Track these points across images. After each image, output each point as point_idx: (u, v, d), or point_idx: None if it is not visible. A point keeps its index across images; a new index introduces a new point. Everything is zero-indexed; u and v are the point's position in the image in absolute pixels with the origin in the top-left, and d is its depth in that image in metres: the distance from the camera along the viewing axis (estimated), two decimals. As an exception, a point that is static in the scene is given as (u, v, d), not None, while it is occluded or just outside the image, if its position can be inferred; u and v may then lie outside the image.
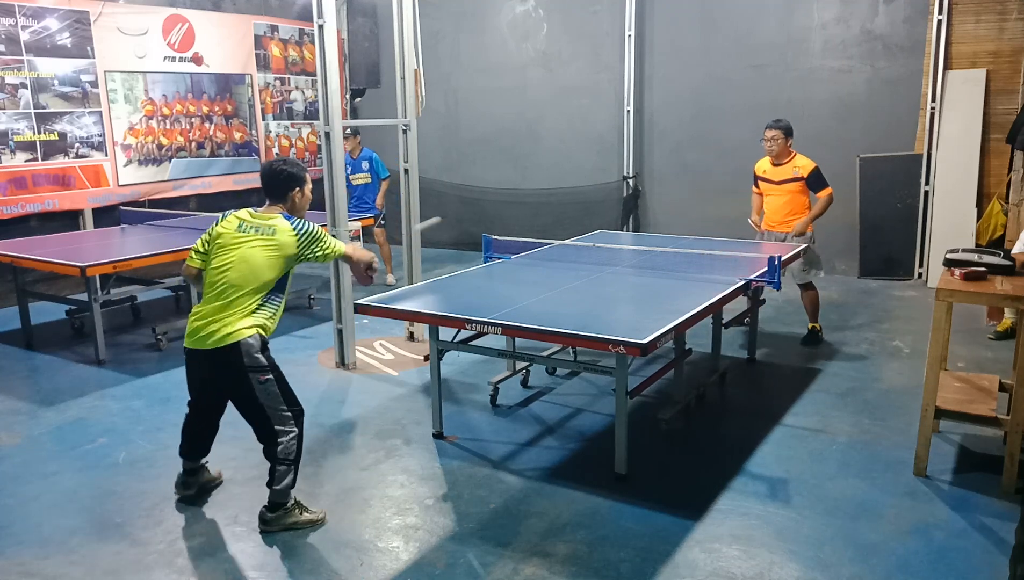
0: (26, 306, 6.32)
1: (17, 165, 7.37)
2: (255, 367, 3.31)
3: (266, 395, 3.34)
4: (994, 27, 7.43)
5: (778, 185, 5.90)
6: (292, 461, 3.42)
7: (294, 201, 3.51)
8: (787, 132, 5.84)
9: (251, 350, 3.29)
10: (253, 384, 3.31)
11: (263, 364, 3.32)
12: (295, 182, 3.49)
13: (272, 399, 3.36)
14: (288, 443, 3.39)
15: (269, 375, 3.34)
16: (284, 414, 3.39)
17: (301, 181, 3.52)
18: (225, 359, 3.29)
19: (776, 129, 5.84)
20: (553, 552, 3.27)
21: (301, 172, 3.53)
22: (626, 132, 9.20)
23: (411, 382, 5.34)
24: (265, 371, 3.33)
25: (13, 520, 3.59)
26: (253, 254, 3.33)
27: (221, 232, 3.42)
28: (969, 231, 7.47)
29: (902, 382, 5.17)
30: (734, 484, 3.83)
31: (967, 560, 3.16)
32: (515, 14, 9.74)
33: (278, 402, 3.37)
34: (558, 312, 3.93)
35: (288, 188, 3.48)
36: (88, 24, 7.77)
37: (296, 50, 10.13)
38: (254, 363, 3.30)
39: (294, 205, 3.52)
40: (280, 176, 3.47)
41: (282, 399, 3.38)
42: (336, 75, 5.27)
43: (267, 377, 3.33)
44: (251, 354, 3.29)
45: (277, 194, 3.49)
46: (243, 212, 3.47)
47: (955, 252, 4.00)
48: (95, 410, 4.91)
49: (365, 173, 8.09)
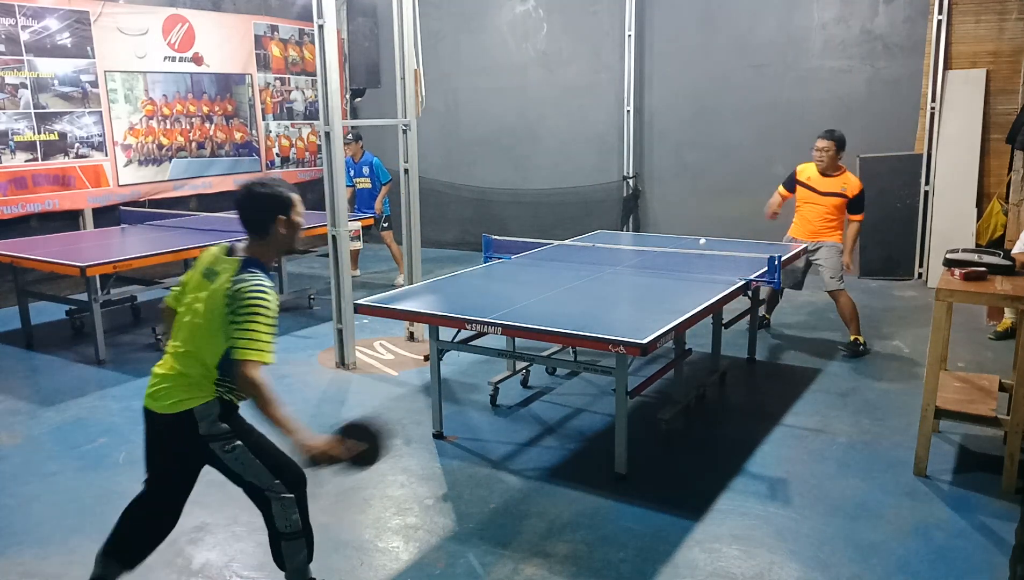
0: (26, 306, 6.32)
1: (17, 165, 7.37)
2: (215, 436, 2.63)
3: (239, 465, 2.67)
4: (994, 27, 7.43)
5: (821, 196, 5.69)
6: (296, 532, 2.81)
7: (279, 232, 2.67)
8: (840, 145, 5.65)
9: (207, 417, 2.62)
10: (218, 454, 2.65)
11: (224, 431, 2.64)
12: (278, 208, 2.65)
13: (250, 468, 2.68)
14: (284, 511, 2.75)
15: (236, 442, 2.65)
16: (271, 482, 2.71)
17: (286, 206, 2.66)
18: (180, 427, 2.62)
19: (829, 140, 5.63)
20: (553, 552, 3.27)
21: (285, 193, 2.68)
22: (626, 132, 9.20)
23: (411, 382, 5.34)
24: (229, 439, 2.64)
25: (13, 520, 3.60)
26: (201, 310, 2.61)
27: (192, 273, 2.74)
28: (969, 231, 7.46)
29: (902, 382, 5.17)
30: (734, 484, 3.83)
31: (967, 560, 3.16)
32: (515, 14, 9.74)
33: (257, 470, 2.69)
34: (558, 312, 3.93)
35: (270, 218, 2.65)
36: (88, 24, 7.77)
37: (296, 50, 10.13)
38: (212, 431, 2.63)
39: (278, 237, 2.68)
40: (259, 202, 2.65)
41: (262, 465, 2.69)
42: (336, 75, 5.27)
43: (233, 444, 2.65)
44: (208, 421, 2.62)
45: (255, 227, 2.67)
46: (217, 251, 2.73)
47: (955, 252, 4.00)
48: (95, 410, 4.91)
49: (366, 177, 8.11)
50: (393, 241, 8.20)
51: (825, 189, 5.70)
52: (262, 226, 2.65)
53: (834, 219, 5.74)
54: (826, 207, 5.71)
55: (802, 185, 5.81)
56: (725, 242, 5.89)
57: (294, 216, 2.68)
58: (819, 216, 5.74)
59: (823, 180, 5.72)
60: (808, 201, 5.79)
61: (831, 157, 5.67)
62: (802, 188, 5.81)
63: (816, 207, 5.75)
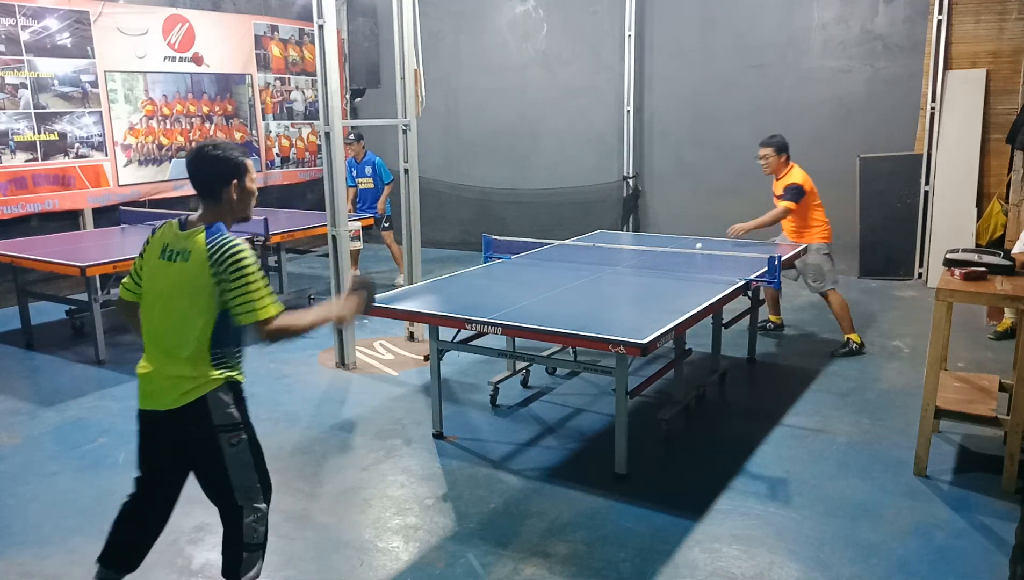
0: (26, 306, 6.32)
1: (17, 165, 7.37)
2: (225, 426, 2.58)
3: (237, 461, 2.61)
4: (994, 27, 7.43)
5: (777, 199, 5.82)
6: (259, 545, 2.73)
7: (230, 198, 2.59)
8: (778, 149, 5.69)
9: (221, 404, 2.56)
10: (222, 447, 2.58)
11: (236, 421, 2.60)
12: (230, 172, 2.57)
13: (242, 468, 2.63)
14: (255, 523, 2.68)
15: (242, 435, 2.62)
16: (254, 487, 2.67)
17: (239, 170, 2.58)
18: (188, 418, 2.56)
19: (766, 147, 5.71)
20: (553, 552, 3.27)
21: (238, 158, 2.59)
22: (626, 132, 9.20)
23: (411, 382, 5.34)
24: (238, 430, 2.61)
25: (13, 520, 3.60)
26: (177, 291, 2.52)
27: (147, 260, 2.64)
28: (969, 231, 7.47)
29: (902, 382, 5.17)
30: (734, 484, 3.83)
31: (967, 560, 3.16)
32: (515, 14, 9.74)
33: (248, 471, 2.64)
34: (558, 312, 3.93)
35: (221, 181, 2.56)
36: (88, 24, 7.77)
37: (296, 50, 10.13)
38: (223, 420, 2.57)
39: (231, 204, 2.60)
40: (209, 165, 2.57)
41: (254, 466, 2.66)
42: (336, 75, 5.27)
43: (239, 438, 2.61)
44: (222, 409, 2.57)
45: (206, 190, 2.59)
46: (167, 230, 2.65)
47: (955, 252, 4.00)
48: (95, 410, 4.91)
49: (369, 177, 8.12)
50: (393, 241, 8.20)
51: (777, 193, 5.82)
52: (214, 191, 2.58)
53: (793, 221, 5.75)
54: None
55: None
56: (725, 242, 5.90)
57: (247, 182, 2.62)
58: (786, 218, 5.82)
59: (776, 184, 5.83)
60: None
61: (772, 163, 5.73)
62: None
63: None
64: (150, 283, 2.62)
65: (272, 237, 6.61)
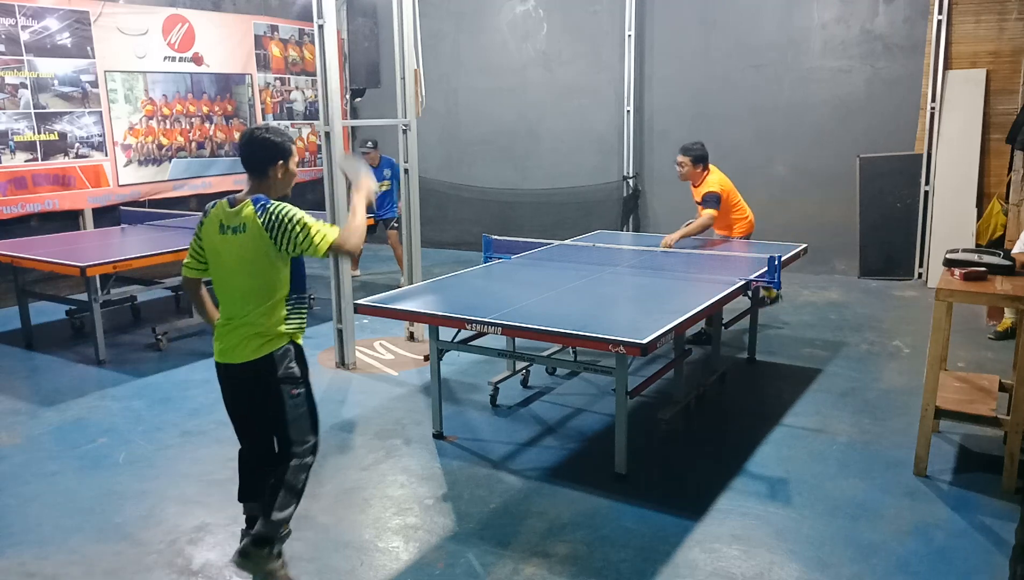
0: (26, 306, 6.32)
1: (17, 165, 7.37)
2: (287, 378, 2.96)
3: (296, 411, 2.99)
4: (994, 27, 7.43)
5: (700, 206, 5.95)
6: (297, 491, 3.02)
7: (275, 177, 2.98)
8: (696, 159, 5.88)
9: (284, 360, 2.96)
10: (284, 397, 2.96)
11: (296, 375, 2.99)
12: (278, 154, 2.96)
13: (301, 418, 3.01)
14: (299, 469, 3.02)
15: (303, 388, 3.01)
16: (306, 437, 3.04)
17: (285, 153, 2.98)
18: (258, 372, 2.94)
19: (683, 156, 5.91)
20: (553, 552, 3.27)
21: (286, 143, 2.99)
22: (626, 132, 9.20)
23: (411, 382, 5.34)
24: (298, 384, 2.99)
25: (13, 520, 3.60)
26: (242, 259, 2.90)
27: (206, 239, 3.00)
28: (969, 231, 7.47)
29: (902, 382, 5.16)
30: (734, 484, 3.83)
31: (967, 560, 3.16)
32: (515, 14, 9.74)
33: (303, 421, 3.03)
34: (558, 312, 3.93)
35: (269, 161, 2.95)
36: (88, 24, 7.77)
37: (296, 50, 10.13)
38: (287, 374, 2.96)
39: (275, 182, 2.99)
40: (260, 146, 2.95)
41: (308, 418, 3.04)
42: (336, 75, 5.27)
43: (300, 390, 2.99)
44: (285, 364, 2.96)
45: (255, 167, 2.97)
46: (219, 209, 2.98)
47: (955, 252, 4.00)
48: (95, 410, 4.91)
49: (386, 180, 8.14)
50: (398, 242, 8.21)
51: (696, 199, 6.00)
52: (262, 168, 2.95)
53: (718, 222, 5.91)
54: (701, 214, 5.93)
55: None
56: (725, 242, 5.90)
57: (291, 164, 3.01)
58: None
59: (695, 190, 6.01)
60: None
61: (688, 172, 5.93)
62: None
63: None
64: (215, 257, 2.97)
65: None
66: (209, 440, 4.43)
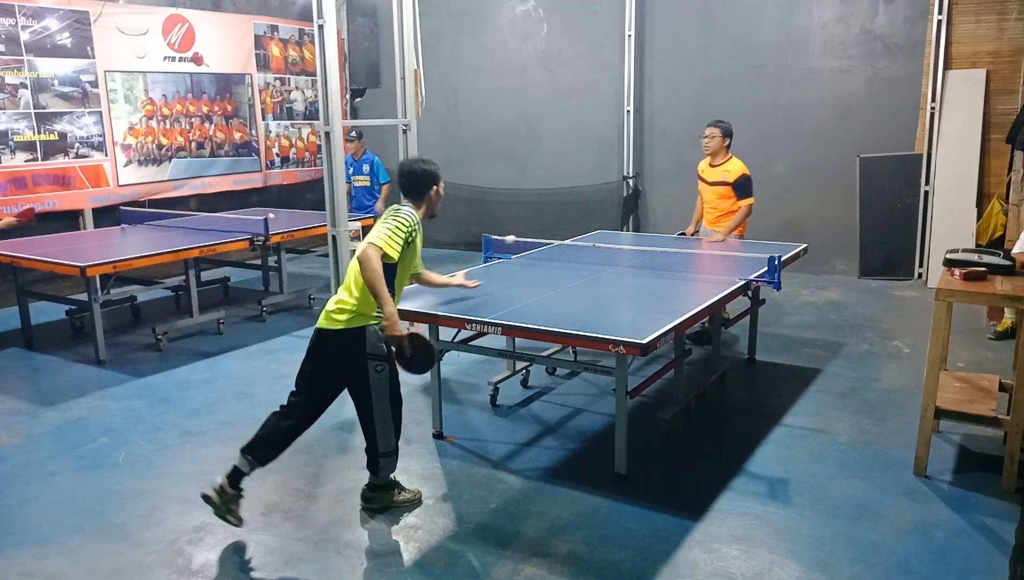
0: (26, 306, 6.32)
1: (17, 165, 7.37)
2: (374, 355, 3.39)
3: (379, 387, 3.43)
4: (994, 27, 7.43)
5: (710, 186, 6.01)
6: (392, 451, 3.54)
7: (430, 199, 3.59)
8: (725, 132, 5.94)
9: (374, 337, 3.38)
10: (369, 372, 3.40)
11: (383, 352, 3.40)
12: (430, 180, 3.57)
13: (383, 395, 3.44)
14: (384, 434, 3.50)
15: (387, 365, 3.42)
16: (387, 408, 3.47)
17: (436, 178, 3.59)
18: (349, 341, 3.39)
19: (714, 127, 5.95)
20: (553, 552, 3.27)
21: (435, 169, 3.60)
22: (626, 132, 9.20)
23: (411, 382, 5.33)
24: (384, 361, 3.41)
25: (13, 520, 3.60)
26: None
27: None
28: (969, 231, 7.47)
29: (902, 382, 5.16)
30: (734, 484, 3.83)
31: (967, 560, 3.16)
32: (515, 14, 9.74)
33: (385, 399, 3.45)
34: (558, 312, 3.93)
35: (423, 185, 3.55)
36: (88, 24, 7.77)
37: (296, 50, 10.13)
38: (374, 351, 3.38)
39: (428, 204, 3.59)
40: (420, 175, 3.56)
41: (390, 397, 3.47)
42: (336, 75, 5.27)
43: (384, 367, 3.42)
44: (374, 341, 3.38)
45: (414, 192, 3.56)
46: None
47: (955, 252, 4.00)
48: (95, 410, 4.91)
49: (365, 176, 8.12)
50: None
51: (712, 178, 6.01)
52: (420, 193, 3.55)
53: (723, 208, 5.98)
54: (717, 196, 5.99)
55: (699, 178, 6.16)
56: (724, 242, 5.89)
57: (441, 188, 3.62)
58: (711, 205, 6.06)
59: (710, 170, 6.03)
60: (704, 192, 6.13)
61: (717, 144, 5.94)
62: (699, 181, 6.16)
63: (709, 197, 6.07)
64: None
65: (272, 237, 6.61)
66: (209, 440, 4.43)
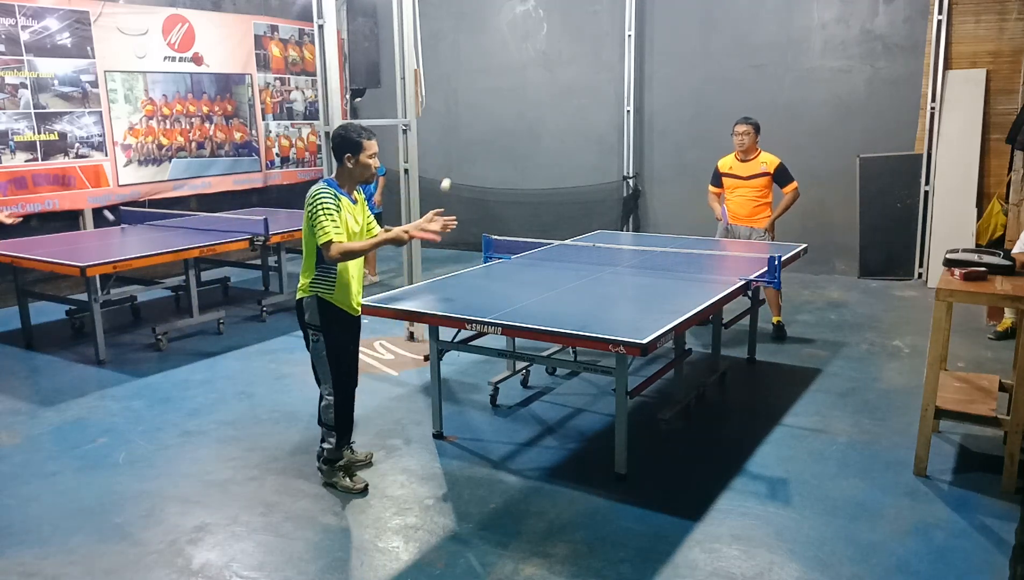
0: (26, 306, 6.32)
1: (17, 165, 7.37)
2: (310, 325, 3.65)
3: (316, 355, 3.69)
4: (994, 27, 7.43)
5: (746, 180, 6.07)
6: (329, 425, 3.76)
7: (344, 167, 3.61)
8: (756, 129, 6.08)
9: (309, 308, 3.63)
10: (309, 340, 3.68)
11: (316, 324, 3.63)
12: (346, 147, 3.58)
13: (320, 363, 3.69)
14: (326, 406, 3.76)
15: (320, 336, 3.64)
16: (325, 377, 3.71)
17: (354, 148, 3.58)
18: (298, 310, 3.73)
19: (748, 124, 6.07)
20: (553, 552, 3.27)
21: (358, 138, 3.58)
22: (626, 132, 9.20)
23: (411, 382, 5.34)
24: (317, 331, 3.64)
25: (13, 520, 3.60)
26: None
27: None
28: (969, 231, 7.46)
29: (902, 382, 5.16)
30: (734, 484, 3.83)
31: (967, 560, 3.16)
32: (515, 14, 9.74)
33: (322, 363, 3.68)
34: (558, 312, 3.93)
35: (339, 152, 3.59)
36: (88, 24, 7.77)
37: (296, 50, 10.13)
38: (309, 321, 3.64)
39: (344, 171, 3.62)
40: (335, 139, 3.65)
41: (328, 369, 3.68)
42: (336, 75, 5.27)
43: (318, 337, 3.65)
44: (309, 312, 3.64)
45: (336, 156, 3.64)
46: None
47: (955, 252, 4.00)
48: (95, 410, 4.91)
49: None
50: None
51: (748, 173, 6.09)
52: (338, 159, 3.61)
53: (765, 198, 6.09)
54: (755, 189, 6.07)
55: (727, 176, 6.23)
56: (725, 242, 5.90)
57: (362, 157, 3.59)
58: (751, 199, 6.11)
59: (744, 165, 6.13)
60: (737, 188, 6.16)
61: (750, 140, 6.09)
62: (728, 178, 6.22)
63: (746, 191, 6.11)
64: None
65: (272, 237, 6.61)
66: (209, 440, 4.44)
